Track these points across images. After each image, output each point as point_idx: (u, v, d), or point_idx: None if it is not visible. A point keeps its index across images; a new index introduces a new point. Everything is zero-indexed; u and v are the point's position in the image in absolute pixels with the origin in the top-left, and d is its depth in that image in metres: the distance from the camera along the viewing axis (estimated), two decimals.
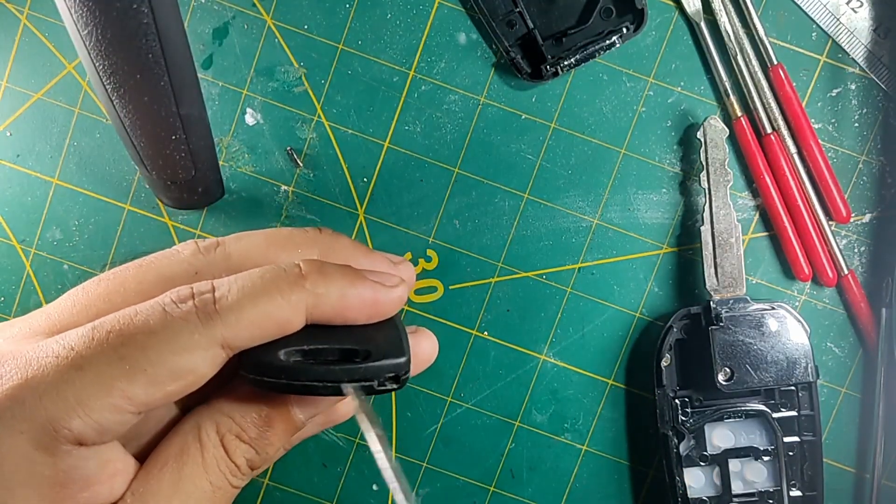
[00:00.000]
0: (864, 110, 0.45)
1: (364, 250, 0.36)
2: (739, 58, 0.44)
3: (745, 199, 0.45)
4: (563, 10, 0.44)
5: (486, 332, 0.46)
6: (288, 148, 0.45)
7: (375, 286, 0.32)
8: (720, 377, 0.42)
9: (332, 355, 0.31)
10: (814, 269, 0.45)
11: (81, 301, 0.32)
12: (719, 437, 0.44)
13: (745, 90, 0.44)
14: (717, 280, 0.43)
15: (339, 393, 0.30)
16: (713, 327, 0.43)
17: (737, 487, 0.44)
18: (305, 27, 0.45)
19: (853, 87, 0.45)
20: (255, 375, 0.30)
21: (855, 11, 0.45)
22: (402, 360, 0.31)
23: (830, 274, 0.45)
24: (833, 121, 0.45)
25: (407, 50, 0.45)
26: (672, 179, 0.45)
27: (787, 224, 0.44)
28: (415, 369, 0.34)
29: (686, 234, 0.46)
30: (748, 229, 0.46)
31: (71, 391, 0.27)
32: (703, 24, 0.44)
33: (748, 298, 0.43)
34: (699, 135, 0.43)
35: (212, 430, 0.31)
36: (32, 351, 0.28)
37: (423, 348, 0.37)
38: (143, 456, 0.31)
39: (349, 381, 0.30)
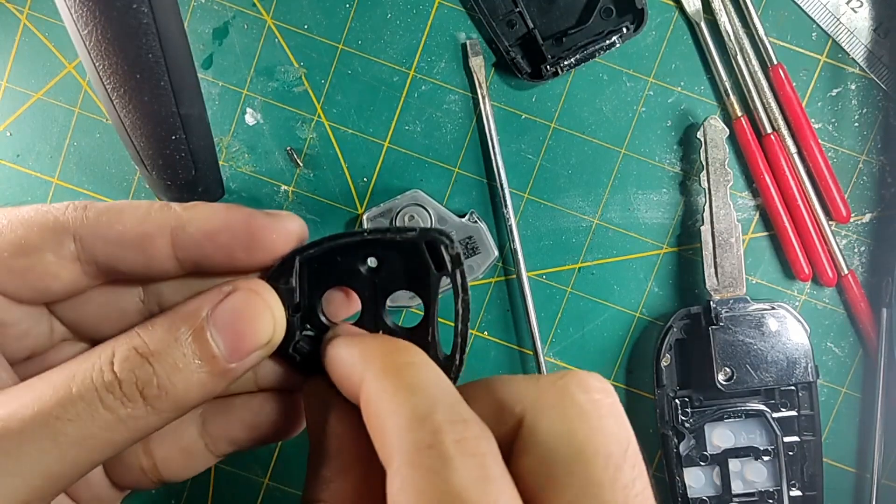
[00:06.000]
0: (864, 110, 0.45)
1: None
2: (739, 58, 0.44)
3: (745, 199, 0.45)
4: (563, 10, 0.44)
5: (486, 332, 0.46)
6: (288, 148, 0.45)
7: (252, 212, 0.30)
8: (720, 377, 0.42)
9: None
10: (814, 269, 0.45)
11: None
12: (719, 437, 0.44)
13: (745, 90, 0.44)
14: (717, 280, 0.43)
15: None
16: (713, 327, 0.43)
17: (737, 487, 0.44)
18: (305, 27, 0.45)
19: (853, 87, 0.45)
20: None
21: (855, 11, 0.45)
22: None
23: (830, 274, 0.45)
24: (833, 121, 0.45)
25: (407, 50, 0.45)
26: (672, 179, 0.45)
27: (787, 224, 0.44)
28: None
29: (686, 234, 0.46)
30: (748, 229, 0.46)
31: None
32: (703, 24, 0.44)
33: (748, 298, 0.43)
34: (699, 135, 0.43)
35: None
36: None
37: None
38: None
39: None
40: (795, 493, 0.44)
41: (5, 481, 0.24)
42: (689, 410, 0.44)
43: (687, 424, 0.44)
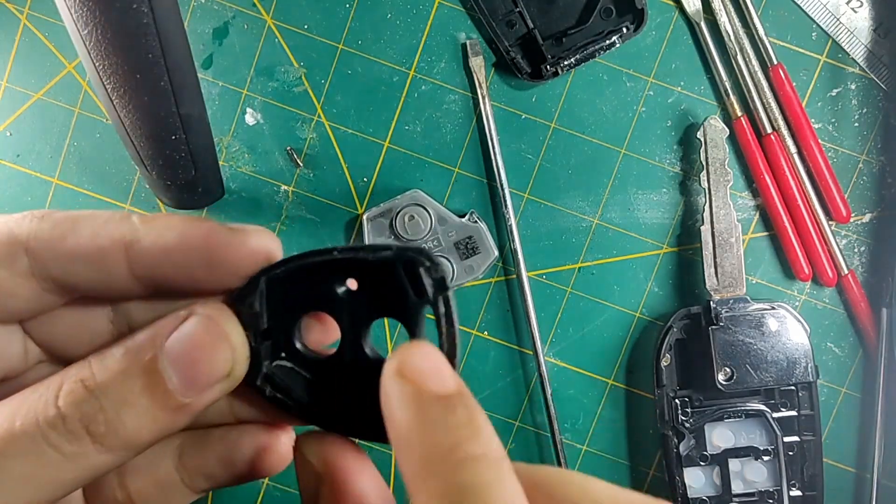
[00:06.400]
0: (864, 110, 0.45)
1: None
2: (739, 58, 0.44)
3: (745, 199, 0.45)
4: (563, 10, 0.44)
5: (486, 332, 0.46)
6: (288, 148, 0.45)
7: (213, 226, 0.26)
8: (720, 377, 0.42)
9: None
10: (814, 269, 0.45)
11: None
12: (719, 437, 0.44)
13: (745, 90, 0.44)
14: (717, 280, 0.43)
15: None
16: (713, 327, 0.43)
17: (737, 487, 0.44)
18: (305, 27, 0.45)
19: (853, 87, 0.45)
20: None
21: (855, 11, 0.45)
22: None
23: (830, 274, 0.45)
24: (833, 121, 0.45)
25: (407, 50, 0.45)
26: (672, 179, 0.45)
27: (787, 224, 0.44)
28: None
29: (686, 234, 0.46)
30: (748, 229, 0.46)
31: None
32: (703, 24, 0.44)
33: (748, 298, 0.43)
34: (699, 135, 0.43)
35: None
36: None
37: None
38: None
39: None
40: (795, 493, 0.44)
41: None
42: (689, 410, 0.44)
43: (687, 424, 0.44)
